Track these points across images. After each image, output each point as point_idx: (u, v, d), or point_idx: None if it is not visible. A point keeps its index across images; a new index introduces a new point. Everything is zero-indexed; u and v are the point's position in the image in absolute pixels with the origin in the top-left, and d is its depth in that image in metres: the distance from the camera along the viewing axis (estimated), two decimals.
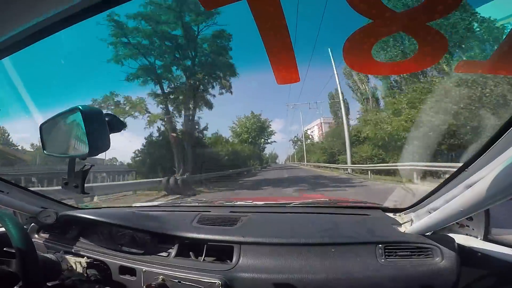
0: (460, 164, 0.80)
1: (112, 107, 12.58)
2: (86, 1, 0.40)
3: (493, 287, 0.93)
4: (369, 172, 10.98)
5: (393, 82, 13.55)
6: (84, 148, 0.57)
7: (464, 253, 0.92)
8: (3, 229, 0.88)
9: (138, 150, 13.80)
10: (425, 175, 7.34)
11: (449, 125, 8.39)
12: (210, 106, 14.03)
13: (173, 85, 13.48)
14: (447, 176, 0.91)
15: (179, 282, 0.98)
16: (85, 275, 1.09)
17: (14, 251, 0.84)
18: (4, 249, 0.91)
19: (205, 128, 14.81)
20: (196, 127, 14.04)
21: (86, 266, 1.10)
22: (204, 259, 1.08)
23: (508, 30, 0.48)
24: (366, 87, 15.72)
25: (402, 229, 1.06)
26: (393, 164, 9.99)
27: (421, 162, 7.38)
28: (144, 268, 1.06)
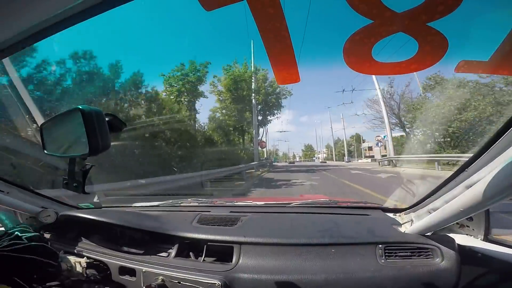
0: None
1: None
2: (86, 1, 0.40)
3: None
4: None
5: None
6: (84, 148, 0.57)
7: (465, 253, 0.92)
8: (2, 228, 0.88)
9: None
10: None
11: None
12: None
13: None
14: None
15: (179, 282, 0.98)
16: (85, 275, 1.09)
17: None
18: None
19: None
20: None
21: (85, 266, 1.10)
22: (204, 260, 1.08)
23: (509, 30, 0.48)
24: None
25: (402, 229, 1.06)
26: None
27: None
28: (144, 269, 1.06)
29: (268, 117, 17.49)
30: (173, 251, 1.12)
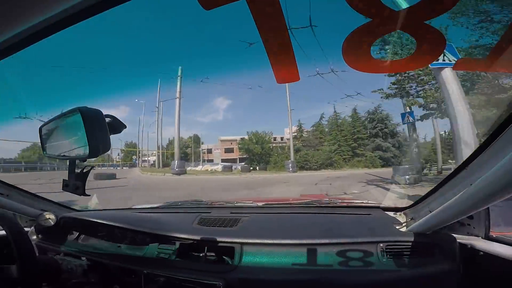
0: None
1: None
2: (86, 1, 0.40)
3: (494, 286, 0.93)
4: None
5: None
6: (84, 150, 0.57)
7: (465, 252, 0.91)
8: (3, 232, 0.87)
9: None
10: None
11: None
12: None
13: None
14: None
15: (180, 284, 0.98)
16: (86, 277, 1.09)
17: (14, 254, 0.83)
18: (4, 252, 0.91)
19: None
20: None
21: (86, 268, 1.10)
22: (205, 261, 1.07)
23: (506, 27, 0.48)
24: None
25: (402, 228, 1.06)
26: None
27: None
28: (145, 270, 1.05)
29: None
30: (174, 253, 1.11)
